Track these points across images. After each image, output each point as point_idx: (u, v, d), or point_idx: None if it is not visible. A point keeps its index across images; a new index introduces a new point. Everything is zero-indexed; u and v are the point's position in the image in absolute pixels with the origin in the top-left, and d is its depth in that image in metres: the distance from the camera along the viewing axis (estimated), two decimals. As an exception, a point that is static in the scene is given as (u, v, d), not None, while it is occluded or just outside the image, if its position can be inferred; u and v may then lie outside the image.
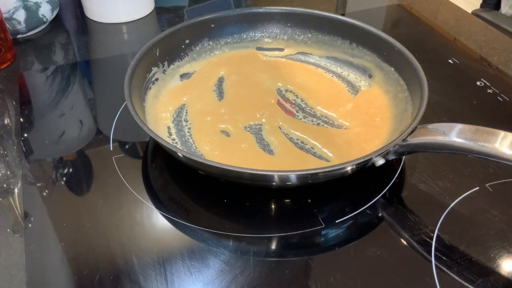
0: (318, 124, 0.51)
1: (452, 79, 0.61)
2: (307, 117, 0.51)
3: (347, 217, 0.42)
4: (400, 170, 0.47)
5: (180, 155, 0.40)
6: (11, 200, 0.44)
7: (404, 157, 0.48)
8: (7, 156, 0.49)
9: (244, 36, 0.61)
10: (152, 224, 0.42)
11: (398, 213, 0.43)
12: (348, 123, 0.50)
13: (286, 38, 0.61)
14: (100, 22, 0.73)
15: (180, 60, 0.57)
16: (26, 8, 0.64)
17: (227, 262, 0.38)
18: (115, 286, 0.37)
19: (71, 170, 0.47)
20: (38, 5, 0.66)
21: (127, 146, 0.50)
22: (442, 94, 0.57)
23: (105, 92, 0.60)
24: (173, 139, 0.48)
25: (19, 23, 0.65)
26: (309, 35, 0.60)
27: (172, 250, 0.39)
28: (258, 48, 0.61)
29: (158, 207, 0.43)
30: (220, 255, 0.39)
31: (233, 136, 0.49)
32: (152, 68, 0.53)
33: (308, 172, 0.38)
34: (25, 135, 0.51)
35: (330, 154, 0.46)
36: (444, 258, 0.39)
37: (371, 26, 0.55)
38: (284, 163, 0.46)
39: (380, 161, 0.40)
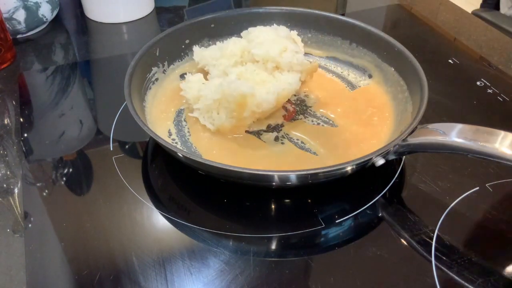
0: (318, 124, 0.51)
1: (452, 79, 0.61)
2: (307, 117, 0.51)
3: (347, 217, 0.42)
4: (400, 170, 0.47)
5: (180, 155, 0.40)
6: (11, 200, 0.44)
7: (404, 157, 0.48)
8: (7, 156, 0.49)
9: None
10: (152, 224, 0.42)
11: (398, 213, 0.43)
12: (347, 123, 0.50)
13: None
14: (100, 22, 0.73)
15: (180, 60, 0.57)
16: (26, 8, 0.64)
17: (227, 262, 0.38)
18: (115, 286, 0.37)
19: (71, 170, 0.47)
20: (38, 5, 0.66)
21: (127, 146, 0.50)
22: (442, 94, 0.57)
23: (105, 92, 0.60)
24: (173, 139, 0.48)
25: (19, 23, 0.65)
26: (309, 35, 0.60)
27: (172, 250, 0.39)
28: (258, 48, 0.61)
29: (158, 207, 0.43)
30: (220, 255, 0.39)
31: (233, 136, 0.49)
32: (152, 68, 0.53)
33: (308, 172, 0.38)
34: (25, 135, 0.51)
35: (330, 154, 0.46)
36: (444, 258, 0.39)
37: (371, 26, 0.55)
38: (284, 163, 0.46)
39: (380, 161, 0.40)
